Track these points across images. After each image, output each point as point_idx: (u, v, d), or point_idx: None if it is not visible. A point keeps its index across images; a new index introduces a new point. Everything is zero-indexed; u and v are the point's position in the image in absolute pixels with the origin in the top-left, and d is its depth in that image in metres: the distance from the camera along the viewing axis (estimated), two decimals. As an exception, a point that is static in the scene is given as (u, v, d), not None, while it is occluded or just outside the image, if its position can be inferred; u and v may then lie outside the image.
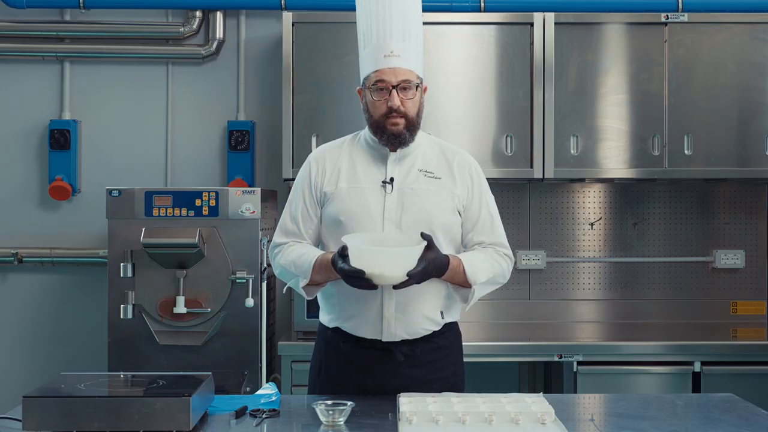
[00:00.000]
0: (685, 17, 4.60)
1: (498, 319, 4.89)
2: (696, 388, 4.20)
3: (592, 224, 4.98)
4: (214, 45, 5.00)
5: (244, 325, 4.31)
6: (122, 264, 4.26)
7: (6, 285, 5.06)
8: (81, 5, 4.88)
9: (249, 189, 4.32)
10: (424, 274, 2.76)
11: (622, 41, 4.62)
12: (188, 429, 2.42)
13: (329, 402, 2.60)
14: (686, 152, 4.57)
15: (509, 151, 4.56)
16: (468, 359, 3.15)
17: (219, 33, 4.99)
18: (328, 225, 2.98)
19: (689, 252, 4.98)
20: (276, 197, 4.83)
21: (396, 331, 2.92)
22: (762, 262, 4.98)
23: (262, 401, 2.80)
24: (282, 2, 4.81)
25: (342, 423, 2.55)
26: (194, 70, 5.06)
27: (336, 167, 3.01)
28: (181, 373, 2.82)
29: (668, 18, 4.59)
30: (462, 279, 2.89)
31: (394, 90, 2.90)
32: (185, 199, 4.30)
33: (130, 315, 4.29)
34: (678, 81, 4.59)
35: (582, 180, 4.79)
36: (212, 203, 4.29)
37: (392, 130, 2.92)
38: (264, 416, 2.67)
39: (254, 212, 4.29)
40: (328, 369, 3.01)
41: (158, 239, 4.23)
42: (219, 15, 4.98)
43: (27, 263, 5.00)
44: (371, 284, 2.74)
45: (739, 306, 4.96)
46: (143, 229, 4.24)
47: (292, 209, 3.04)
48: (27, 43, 5.04)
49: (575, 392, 4.15)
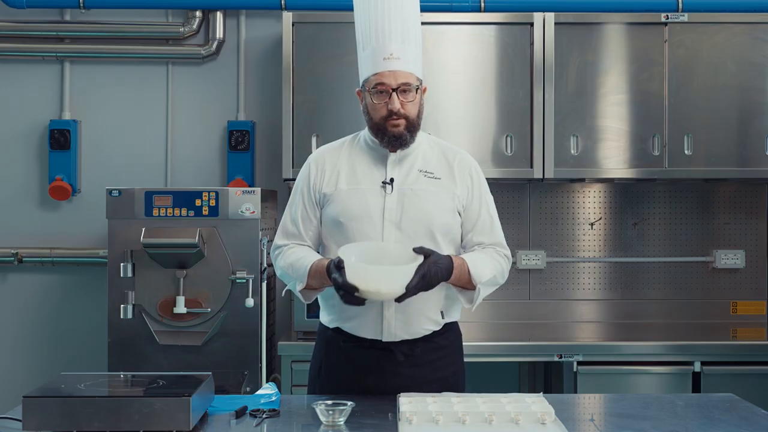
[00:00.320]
0: (685, 17, 4.60)
1: (498, 319, 4.89)
2: (696, 388, 4.20)
3: (592, 224, 4.98)
4: (214, 45, 5.00)
5: (244, 325, 4.31)
6: (122, 264, 4.27)
7: (6, 285, 5.06)
8: (81, 5, 4.88)
9: (249, 189, 4.32)
10: (423, 285, 2.75)
11: (622, 41, 4.61)
12: (188, 429, 2.42)
13: (329, 402, 2.60)
14: (686, 152, 4.57)
15: (509, 151, 4.56)
16: (468, 359, 3.15)
17: (219, 33, 4.99)
18: (329, 226, 2.98)
19: (689, 252, 4.98)
20: (276, 197, 4.83)
21: (396, 332, 2.92)
22: (762, 262, 4.98)
23: (262, 401, 2.80)
24: (282, 2, 4.81)
25: (342, 423, 2.55)
26: (194, 70, 5.06)
27: (336, 168, 3.00)
28: (181, 373, 2.82)
29: (668, 18, 4.59)
30: (467, 279, 2.89)
31: (394, 93, 2.89)
32: (185, 199, 4.30)
33: (130, 315, 4.29)
34: (678, 81, 4.59)
35: (582, 180, 4.79)
36: (212, 203, 4.29)
37: (393, 132, 2.91)
38: (264, 416, 2.67)
39: (254, 212, 4.29)
40: (328, 369, 3.01)
41: (158, 239, 4.23)
42: (219, 15, 4.98)
43: (27, 263, 5.00)
44: (360, 300, 2.73)
45: (739, 306, 4.96)
46: (143, 229, 4.24)
47: (292, 211, 3.04)
48: (27, 43, 5.04)
49: (575, 392, 4.15)
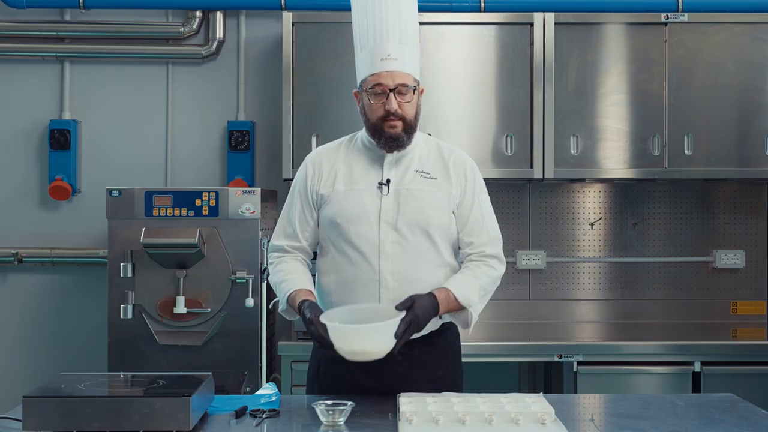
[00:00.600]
0: (685, 17, 4.60)
1: (498, 319, 4.89)
2: (696, 388, 4.20)
3: (592, 224, 4.98)
4: (214, 45, 4.99)
5: (244, 325, 4.31)
6: (122, 264, 4.26)
7: (6, 285, 5.06)
8: (81, 5, 4.88)
9: (249, 189, 4.32)
10: (411, 333, 2.75)
11: (622, 41, 4.61)
12: (188, 429, 2.42)
13: (329, 402, 2.60)
14: (686, 152, 4.57)
15: (509, 151, 4.56)
16: (468, 359, 3.16)
17: (219, 33, 4.99)
18: (326, 227, 2.99)
19: (689, 252, 4.98)
20: (276, 197, 4.83)
21: (395, 332, 2.92)
22: (762, 262, 4.98)
23: (262, 401, 2.81)
24: (282, 2, 4.81)
25: (342, 423, 2.55)
26: (194, 70, 5.06)
27: (333, 169, 3.01)
28: (181, 373, 2.82)
29: (668, 18, 4.59)
30: (457, 306, 2.89)
31: (392, 93, 2.89)
32: (185, 199, 4.30)
33: (130, 315, 4.29)
34: (678, 81, 4.59)
35: (582, 180, 4.78)
36: (212, 203, 4.29)
37: (390, 133, 2.91)
38: (264, 416, 2.67)
39: (254, 212, 4.29)
40: (327, 368, 3.01)
41: (158, 239, 4.23)
42: (219, 15, 4.98)
43: (27, 263, 5.00)
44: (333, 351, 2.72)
45: (739, 306, 4.96)
46: (143, 229, 4.24)
47: (290, 212, 3.05)
48: (27, 43, 5.04)
49: (575, 392, 4.15)
